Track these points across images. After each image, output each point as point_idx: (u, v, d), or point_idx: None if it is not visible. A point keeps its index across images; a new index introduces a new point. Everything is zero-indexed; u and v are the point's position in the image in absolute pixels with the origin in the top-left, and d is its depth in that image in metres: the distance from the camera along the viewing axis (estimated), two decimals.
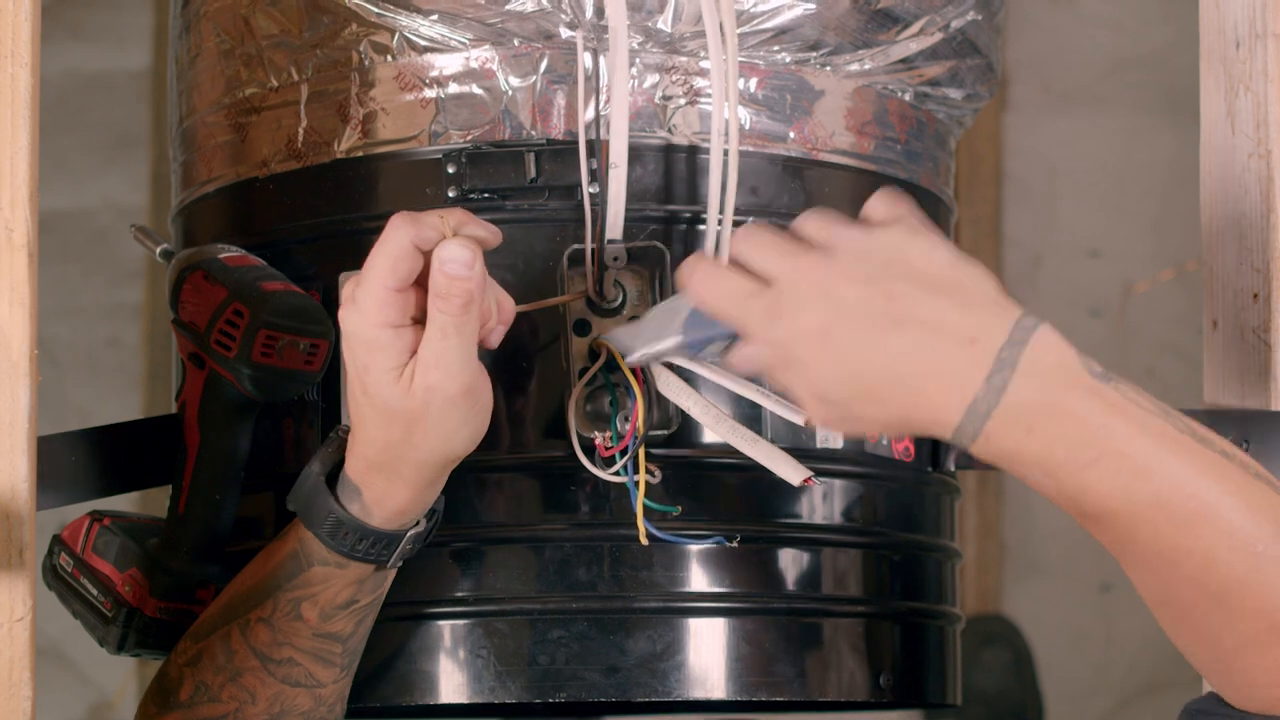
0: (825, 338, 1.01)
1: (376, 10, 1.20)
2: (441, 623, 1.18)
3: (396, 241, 1.05)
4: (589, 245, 1.15)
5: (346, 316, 1.07)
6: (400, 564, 1.14)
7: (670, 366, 1.15)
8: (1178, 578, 1.01)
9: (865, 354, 1.00)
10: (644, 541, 1.16)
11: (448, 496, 1.17)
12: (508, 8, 1.18)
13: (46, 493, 1.15)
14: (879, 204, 1.04)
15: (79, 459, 1.18)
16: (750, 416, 1.18)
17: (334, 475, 1.12)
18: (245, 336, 1.16)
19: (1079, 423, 0.99)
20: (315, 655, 1.14)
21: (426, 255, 1.06)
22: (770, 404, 1.15)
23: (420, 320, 1.07)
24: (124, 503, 1.24)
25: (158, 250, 1.26)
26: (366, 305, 1.06)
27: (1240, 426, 1.22)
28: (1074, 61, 2.88)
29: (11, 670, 1.03)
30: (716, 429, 1.15)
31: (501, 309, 1.10)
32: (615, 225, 1.16)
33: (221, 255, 1.19)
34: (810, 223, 1.04)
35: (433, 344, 1.06)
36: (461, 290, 1.05)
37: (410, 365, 1.06)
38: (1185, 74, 1.44)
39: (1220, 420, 1.22)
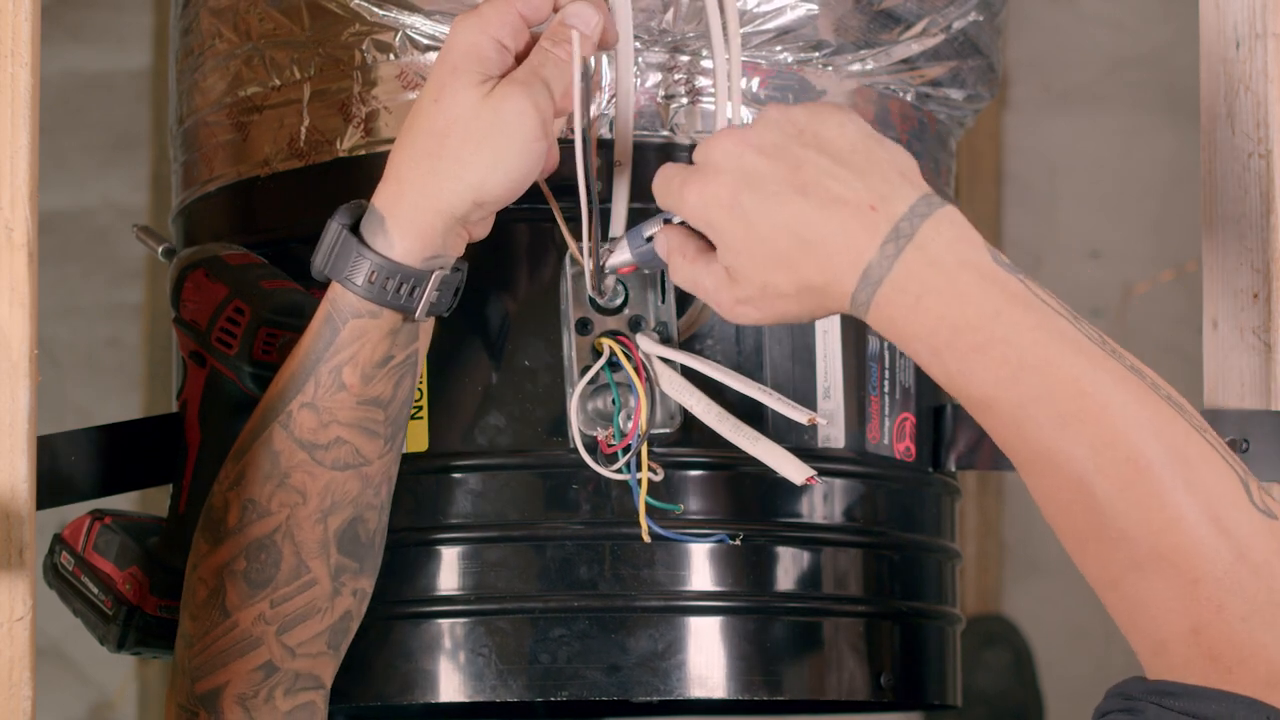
0: (734, 204, 1.04)
1: (379, 10, 1.20)
2: (443, 621, 1.18)
3: None
4: (586, 243, 1.15)
5: (464, 21, 1.09)
6: (429, 317, 1.12)
7: (672, 365, 1.16)
8: (1059, 481, 0.99)
9: (771, 218, 1.03)
10: (646, 539, 1.16)
11: (449, 495, 1.17)
12: None
13: (46, 492, 1.15)
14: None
15: (79, 459, 1.18)
16: (753, 415, 1.18)
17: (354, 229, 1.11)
18: (246, 334, 1.16)
19: (970, 303, 1.00)
20: (360, 427, 1.12)
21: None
22: (773, 402, 1.15)
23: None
24: (125, 502, 1.24)
25: (160, 249, 1.26)
26: (489, 15, 1.09)
27: (1240, 426, 1.22)
28: (1074, 61, 2.88)
29: (11, 670, 1.03)
30: (719, 427, 1.15)
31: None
32: (619, 223, 1.16)
33: (223, 254, 1.19)
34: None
35: (524, 72, 1.08)
36: (579, 39, 1.09)
37: (491, 83, 1.08)
38: (1185, 73, 1.44)
39: (1220, 420, 1.22)
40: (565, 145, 1.17)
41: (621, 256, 1.14)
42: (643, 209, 1.17)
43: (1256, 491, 0.97)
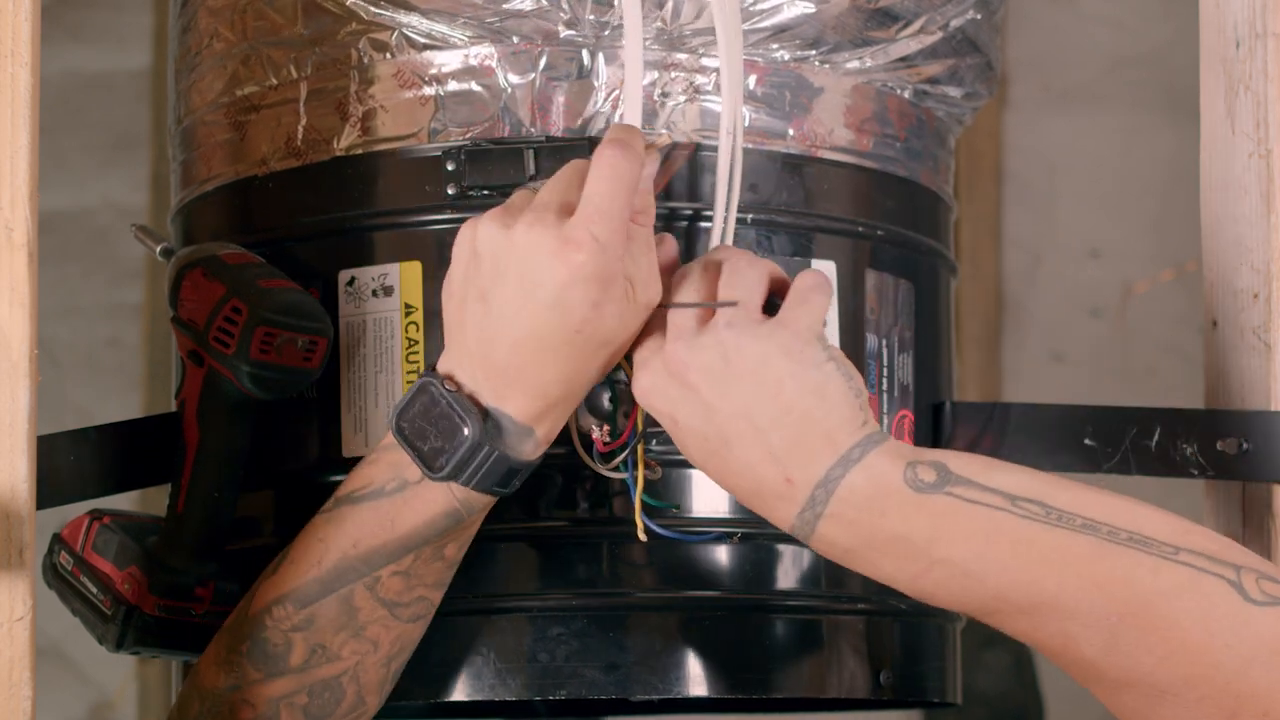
0: (674, 427, 1.09)
1: (375, 8, 1.20)
2: (441, 620, 1.18)
3: (630, 172, 1.07)
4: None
5: (589, 259, 1.06)
6: None
7: None
8: (1048, 653, 1.03)
9: (706, 461, 1.08)
10: (643, 538, 1.16)
11: None
12: (506, 6, 1.18)
13: (46, 492, 1.15)
14: (792, 293, 1.09)
15: (79, 458, 1.18)
16: None
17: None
18: (244, 333, 1.16)
19: (900, 542, 1.04)
20: (439, 584, 1.15)
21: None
22: None
23: None
24: (124, 501, 1.24)
25: (158, 249, 1.26)
26: (613, 241, 1.06)
27: (1240, 426, 1.21)
28: (1074, 59, 2.88)
29: (11, 670, 1.03)
30: None
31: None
32: None
33: (220, 253, 1.19)
34: (723, 283, 1.10)
35: (643, 258, 1.09)
36: (654, 203, 1.10)
37: (624, 285, 1.08)
38: (1185, 73, 1.44)
39: (1220, 420, 1.22)
40: (565, 142, 1.17)
41: None
42: None
43: (1253, 583, 0.99)
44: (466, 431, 1.09)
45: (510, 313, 1.08)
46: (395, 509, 1.12)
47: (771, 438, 1.06)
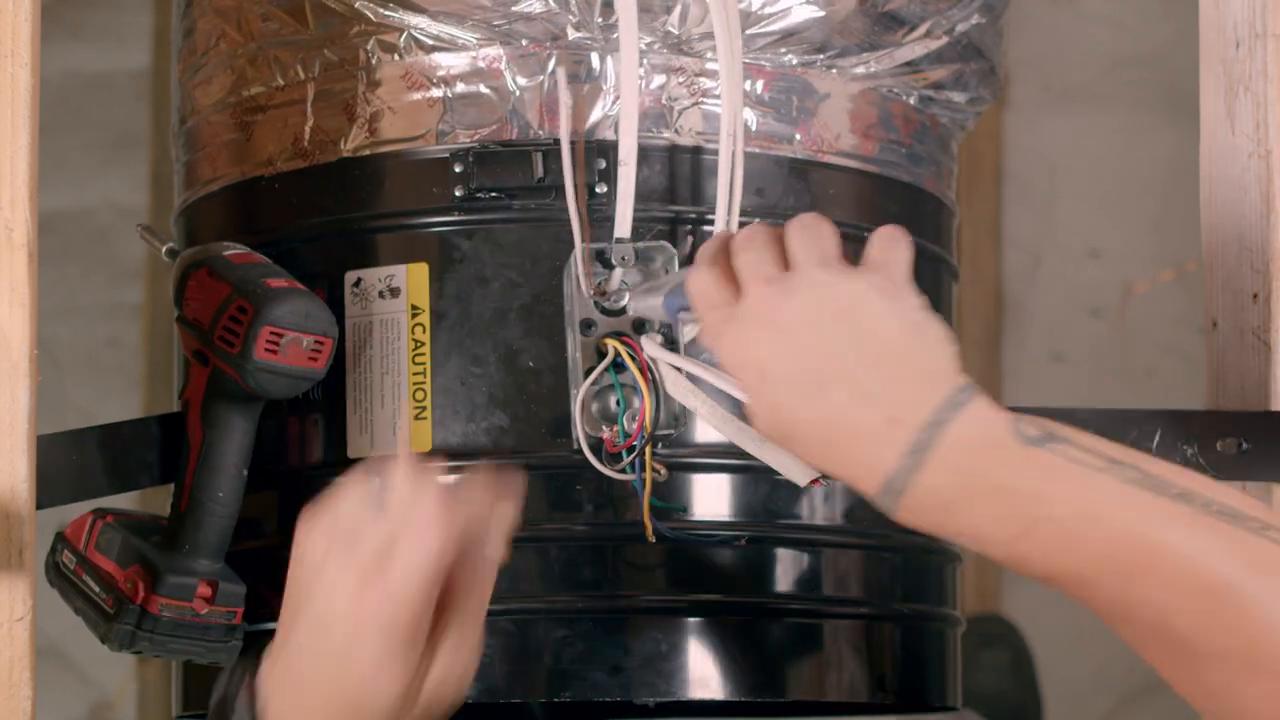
0: (762, 376, 1.03)
1: (383, 10, 1.20)
2: None
3: (441, 540, 0.99)
4: (578, 245, 1.16)
5: (366, 595, 0.98)
6: None
7: (677, 369, 1.16)
8: (1139, 627, 1.00)
9: (794, 407, 1.03)
10: (651, 539, 1.16)
11: None
12: (515, 9, 1.18)
13: (48, 492, 1.15)
14: (874, 244, 1.05)
15: (81, 458, 1.18)
16: None
17: None
18: (249, 333, 1.16)
19: (1006, 496, 0.99)
20: None
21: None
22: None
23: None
24: (126, 501, 1.24)
25: (164, 249, 1.26)
26: (405, 592, 0.98)
27: (1240, 426, 1.22)
28: (1074, 60, 2.88)
29: (11, 670, 1.03)
30: (723, 429, 1.15)
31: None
32: (623, 224, 1.16)
33: (226, 253, 1.19)
34: (796, 237, 1.05)
35: (463, 650, 1.01)
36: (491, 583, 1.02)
37: (419, 676, 1.00)
38: (1185, 73, 1.44)
39: (1220, 420, 1.22)
40: (573, 145, 1.17)
41: (650, 301, 1.14)
42: (644, 210, 1.18)
43: None
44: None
45: (288, 640, 1.02)
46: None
47: (871, 377, 1.01)
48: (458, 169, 1.19)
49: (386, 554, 0.99)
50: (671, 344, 1.16)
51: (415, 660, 0.99)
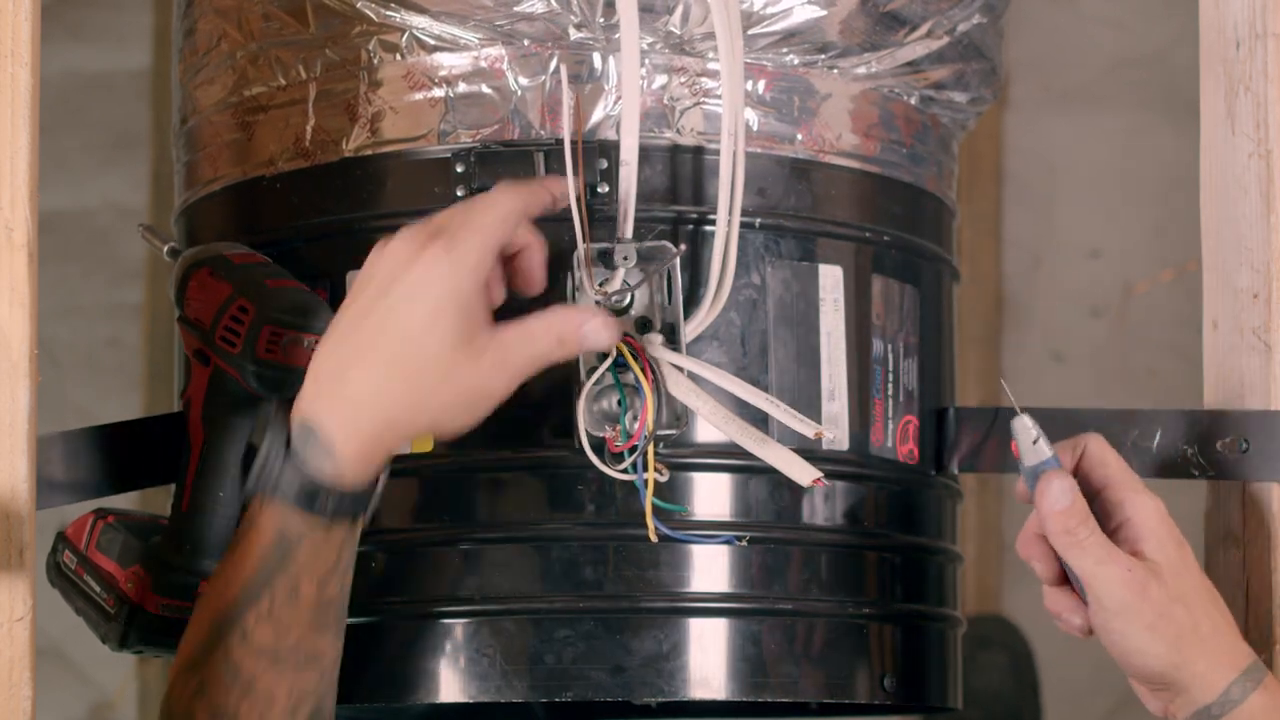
0: (1146, 603, 1.14)
1: (385, 10, 1.20)
2: (448, 621, 1.18)
3: (509, 205, 1.09)
4: (580, 244, 1.16)
5: (437, 259, 1.06)
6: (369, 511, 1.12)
7: (679, 367, 1.16)
8: None
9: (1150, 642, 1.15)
10: (653, 539, 1.16)
11: (455, 495, 1.17)
12: (517, 9, 1.18)
13: (49, 492, 1.15)
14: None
15: (82, 458, 1.18)
16: (758, 418, 1.18)
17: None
18: (250, 333, 1.16)
19: None
20: (315, 626, 1.12)
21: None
22: (779, 413, 1.15)
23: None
24: (127, 501, 1.24)
25: (165, 249, 1.26)
26: (468, 255, 1.07)
27: (1240, 426, 1.22)
28: (1074, 61, 2.88)
29: (11, 670, 1.03)
30: (725, 429, 1.15)
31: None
32: (625, 224, 1.16)
33: (227, 252, 1.19)
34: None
35: (516, 349, 1.08)
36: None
37: (485, 338, 1.07)
38: (1186, 73, 1.44)
39: (1220, 420, 1.22)
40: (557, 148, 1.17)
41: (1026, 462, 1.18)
42: (646, 210, 1.18)
43: None
44: (267, 438, 1.09)
45: (345, 317, 1.08)
46: (242, 547, 1.11)
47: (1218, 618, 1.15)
48: (459, 169, 1.19)
49: (452, 225, 1.08)
50: (674, 344, 1.16)
51: (469, 339, 1.07)
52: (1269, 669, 1.15)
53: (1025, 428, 1.16)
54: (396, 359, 1.07)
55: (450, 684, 1.18)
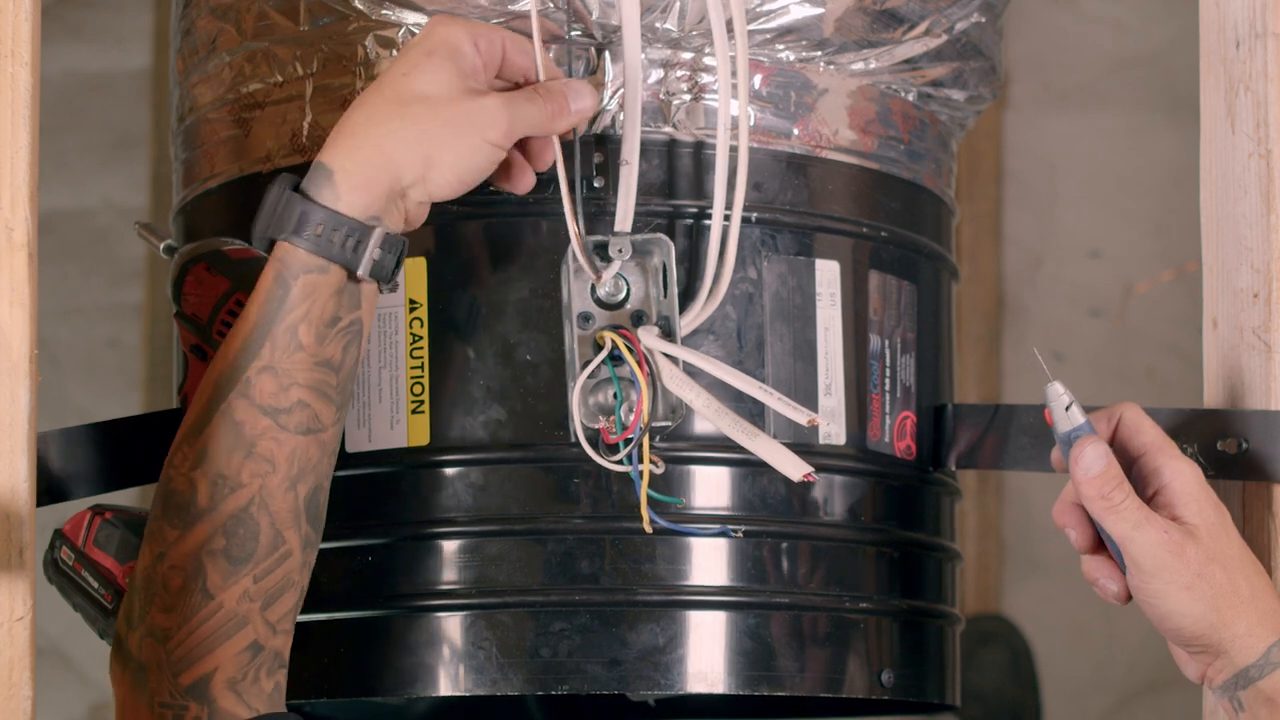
0: (1188, 578, 1.14)
1: (381, 7, 1.20)
2: (443, 615, 1.18)
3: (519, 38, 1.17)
4: (575, 239, 1.16)
5: (447, 19, 1.14)
6: (372, 279, 1.12)
7: (674, 359, 1.16)
8: None
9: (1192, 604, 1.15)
10: (648, 530, 1.16)
11: (451, 489, 1.17)
12: (513, 7, 1.18)
13: (48, 488, 1.15)
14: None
15: (81, 454, 1.18)
16: (753, 411, 1.18)
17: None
18: None
19: None
20: (317, 390, 1.11)
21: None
22: (772, 401, 1.15)
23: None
24: (125, 497, 1.24)
25: (161, 246, 1.26)
26: (475, 25, 1.14)
27: (1240, 426, 1.22)
28: (1074, 60, 2.88)
29: (11, 670, 1.03)
30: (718, 422, 1.15)
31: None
32: (624, 219, 1.16)
33: (224, 248, 1.20)
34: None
35: (510, 95, 1.14)
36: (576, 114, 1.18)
37: (468, 80, 1.13)
38: (1186, 73, 1.44)
39: (1220, 420, 1.22)
40: (571, 140, 1.17)
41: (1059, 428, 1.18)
42: (643, 205, 1.18)
43: None
44: (273, 188, 1.12)
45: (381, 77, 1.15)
46: (245, 308, 1.11)
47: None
48: None
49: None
50: (669, 336, 1.17)
51: (461, 83, 1.13)
52: None
53: (1058, 394, 1.16)
54: (391, 94, 1.12)
55: (446, 678, 1.18)
